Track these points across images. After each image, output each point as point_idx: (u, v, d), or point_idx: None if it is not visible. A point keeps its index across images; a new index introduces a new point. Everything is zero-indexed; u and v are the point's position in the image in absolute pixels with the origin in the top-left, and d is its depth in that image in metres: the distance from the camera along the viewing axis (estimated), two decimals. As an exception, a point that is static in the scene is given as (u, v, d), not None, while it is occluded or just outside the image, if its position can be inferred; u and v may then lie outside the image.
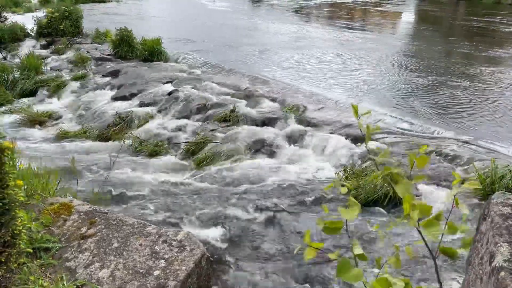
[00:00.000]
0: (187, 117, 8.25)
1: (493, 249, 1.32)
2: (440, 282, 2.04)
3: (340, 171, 6.05)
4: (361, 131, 2.23)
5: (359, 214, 2.47)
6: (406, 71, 10.62)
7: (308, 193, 5.76)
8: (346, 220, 2.33)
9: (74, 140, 7.75)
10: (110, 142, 7.46)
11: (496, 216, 1.39)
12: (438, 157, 6.28)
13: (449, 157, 6.27)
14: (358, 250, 2.09)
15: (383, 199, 5.40)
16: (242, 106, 8.07)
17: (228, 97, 8.65)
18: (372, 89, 9.14)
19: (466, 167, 5.93)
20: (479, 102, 8.35)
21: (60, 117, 8.90)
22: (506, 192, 1.46)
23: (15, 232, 1.92)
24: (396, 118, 7.50)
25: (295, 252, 3.41)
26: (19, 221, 1.88)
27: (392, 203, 5.39)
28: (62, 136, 7.83)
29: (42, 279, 1.96)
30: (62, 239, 2.22)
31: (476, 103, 8.29)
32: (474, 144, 6.56)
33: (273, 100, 8.35)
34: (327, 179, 6.09)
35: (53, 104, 9.53)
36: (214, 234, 4.73)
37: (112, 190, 5.45)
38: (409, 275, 3.91)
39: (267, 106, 8.09)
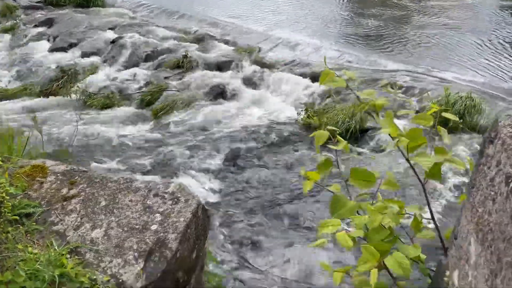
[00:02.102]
0: (136, 66, 7.81)
1: (510, 170, 1.36)
2: (429, 205, 2.13)
3: (302, 110, 6.07)
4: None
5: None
6: (351, 17, 10.56)
7: (271, 134, 5.77)
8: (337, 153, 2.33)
9: (14, 98, 7.14)
10: (55, 98, 6.95)
11: (508, 138, 1.42)
12: (392, 89, 6.44)
13: (402, 88, 6.45)
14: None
15: (345, 134, 5.51)
16: (194, 51, 7.74)
17: (178, 42, 8.24)
18: (319, 29, 9.06)
19: (419, 97, 6.14)
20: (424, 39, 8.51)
21: (-7, 75, 8.11)
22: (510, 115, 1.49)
23: (-3, 200, 1.74)
24: (348, 53, 7.53)
25: (293, 181, 3.41)
26: (2, 187, 1.70)
27: (353, 137, 5.53)
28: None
29: (31, 246, 1.82)
30: (43, 202, 2.05)
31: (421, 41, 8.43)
32: (425, 75, 6.78)
33: (226, 42, 8.06)
34: (289, 119, 6.11)
35: (-18, 61, 8.64)
36: (186, 183, 4.65)
37: (71, 148, 5.15)
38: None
39: (220, 50, 7.82)
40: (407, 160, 2.04)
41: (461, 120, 5.44)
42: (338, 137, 2.26)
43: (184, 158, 5.24)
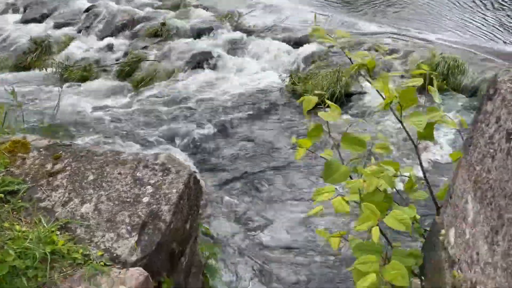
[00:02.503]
0: (113, 35, 7.53)
1: (511, 126, 1.33)
2: (422, 166, 2.13)
3: (286, 76, 5.98)
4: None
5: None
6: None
7: (256, 102, 5.69)
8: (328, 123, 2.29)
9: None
10: (30, 72, 6.69)
11: (508, 93, 1.39)
12: (377, 52, 6.38)
13: (386, 52, 6.39)
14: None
15: (330, 99, 5.46)
16: (172, 18, 7.48)
17: (155, 9, 7.95)
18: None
19: (404, 59, 6.11)
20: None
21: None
22: (509, 69, 1.46)
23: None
24: (330, 16, 7.39)
25: (292, 142, 3.38)
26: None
27: (339, 102, 5.50)
28: (-30, 70, 6.86)
29: (18, 224, 1.75)
30: (27, 179, 1.97)
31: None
32: (408, 36, 6.72)
33: (205, 8, 7.81)
34: (273, 86, 6.02)
35: None
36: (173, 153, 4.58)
37: (51, 122, 4.98)
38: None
39: (199, 16, 7.58)
40: (400, 121, 2.02)
41: (445, 81, 5.46)
42: (328, 101, 2.21)
43: (167, 130, 5.15)
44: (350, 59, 2.10)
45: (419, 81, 2.03)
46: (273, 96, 5.73)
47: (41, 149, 2.14)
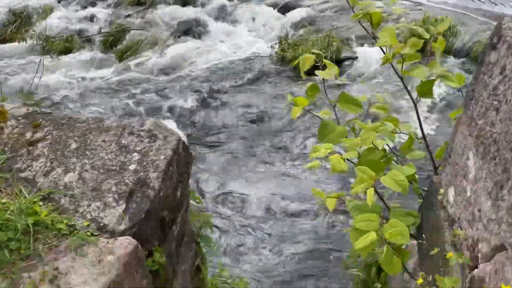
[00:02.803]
0: (94, 5, 7.26)
1: (518, 74, 1.25)
2: (420, 125, 2.05)
3: (276, 43, 5.82)
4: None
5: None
6: None
7: (245, 70, 5.55)
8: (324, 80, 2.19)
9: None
10: (10, 44, 6.43)
11: (514, 40, 1.31)
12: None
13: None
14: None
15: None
16: (155, -15, 7.19)
17: (137, -23, 7.63)
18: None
19: (396, 22, 5.97)
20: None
21: None
22: (514, 17, 1.37)
23: None
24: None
25: (286, 104, 3.29)
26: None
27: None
28: None
29: (-2, 196, 1.65)
30: (6, 149, 1.87)
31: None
32: None
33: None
34: (262, 53, 5.87)
35: None
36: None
37: (34, 95, 4.82)
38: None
39: (183, -18, 7.29)
40: (400, 77, 1.93)
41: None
42: (326, 61, 2.11)
43: (154, 100, 5.02)
44: (352, 9, 1.98)
45: (419, 42, 1.93)
46: (262, 64, 5.59)
47: (19, 118, 2.02)
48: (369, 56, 5.35)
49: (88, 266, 1.50)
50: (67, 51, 6.28)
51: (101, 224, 1.69)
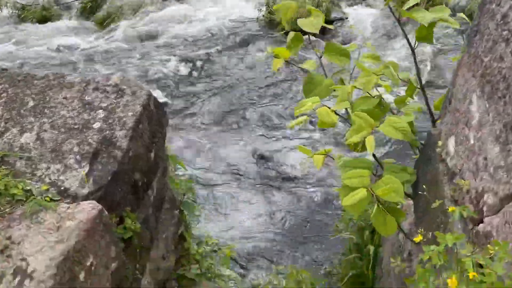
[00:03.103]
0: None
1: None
2: (418, 72, 1.87)
3: (262, 6, 5.54)
4: None
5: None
6: None
7: (231, 35, 5.29)
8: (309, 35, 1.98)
9: None
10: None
11: (528, -44, 1.11)
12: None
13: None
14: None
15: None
16: None
17: None
18: None
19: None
20: None
21: None
22: None
23: None
24: None
25: (265, 55, 3.09)
26: None
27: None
28: None
29: None
30: (-46, 109, 1.66)
31: None
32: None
33: None
34: (249, 17, 5.59)
35: None
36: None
37: (9, 65, 4.55)
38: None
39: None
40: (398, 20, 1.73)
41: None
42: (310, 7, 1.90)
43: (137, 68, 4.77)
44: None
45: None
46: (249, 28, 5.33)
47: (-30, 76, 1.81)
48: (359, 17, 5.12)
49: (45, 234, 1.33)
50: (44, 19, 5.97)
51: (62, 188, 1.51)
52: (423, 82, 1.90)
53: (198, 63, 4.81)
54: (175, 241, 2.44)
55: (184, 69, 4.75)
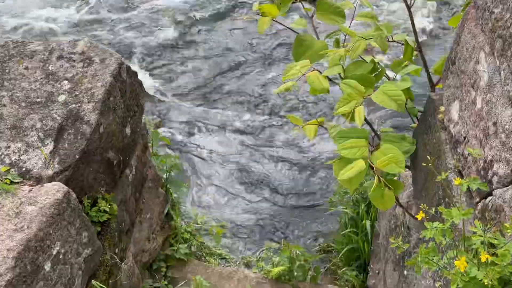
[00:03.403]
0: None
1: None
2: (415, 33, 1.70)
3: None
4: None
5: None
6: None
7: (217, 1, 5.04)
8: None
9: None
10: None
11: None
12: None
13: None
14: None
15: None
16: None
17: None
18: None
19: None
20: None
21: None
22: None
23: None
24: None
25: (245, 17, 2.92)
26: None
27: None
28: None
29: None
30: None
31: None
32: None
33: None
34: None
35: None
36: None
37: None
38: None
39: None
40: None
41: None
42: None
43: (119, 39, 4.54)
44: None
45: None
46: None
47: None
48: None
49: (2, 221, 1.18)
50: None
51: (24, 169, 1.35)
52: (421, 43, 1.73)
53: (181, 32, 4.59)
54: (161, 221, 2.31)
55: (166, 38, 4.53)
